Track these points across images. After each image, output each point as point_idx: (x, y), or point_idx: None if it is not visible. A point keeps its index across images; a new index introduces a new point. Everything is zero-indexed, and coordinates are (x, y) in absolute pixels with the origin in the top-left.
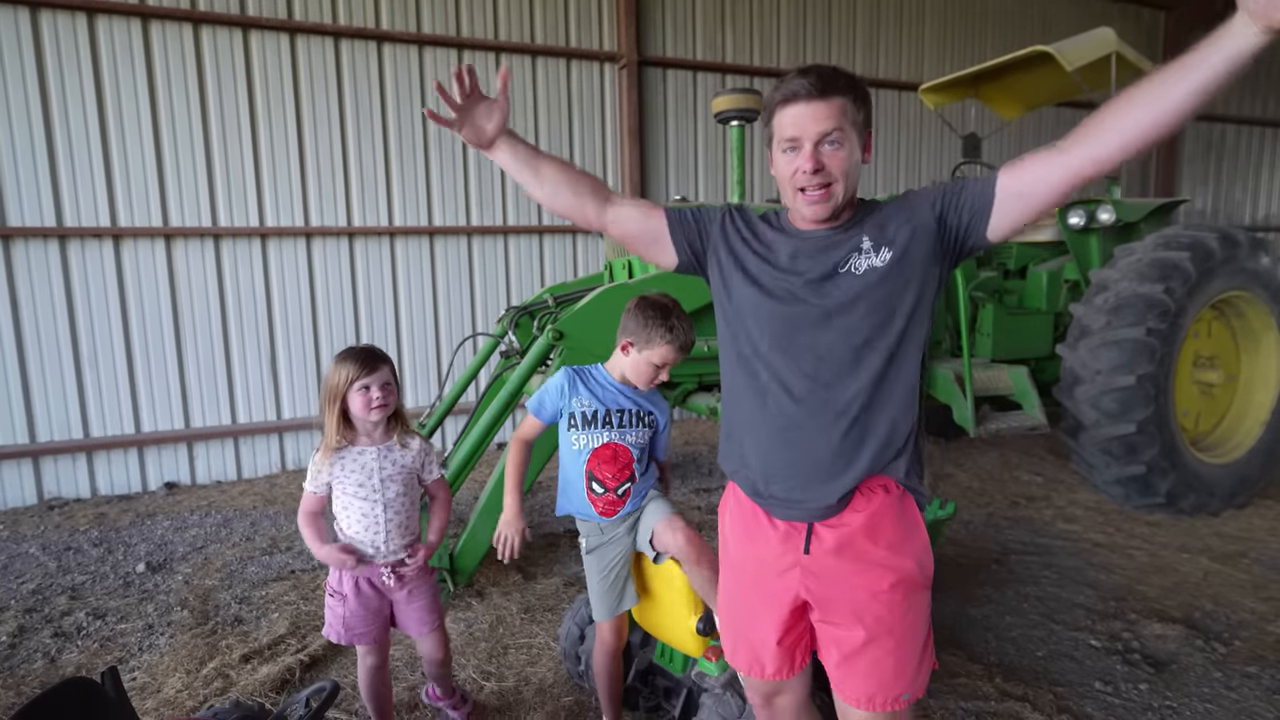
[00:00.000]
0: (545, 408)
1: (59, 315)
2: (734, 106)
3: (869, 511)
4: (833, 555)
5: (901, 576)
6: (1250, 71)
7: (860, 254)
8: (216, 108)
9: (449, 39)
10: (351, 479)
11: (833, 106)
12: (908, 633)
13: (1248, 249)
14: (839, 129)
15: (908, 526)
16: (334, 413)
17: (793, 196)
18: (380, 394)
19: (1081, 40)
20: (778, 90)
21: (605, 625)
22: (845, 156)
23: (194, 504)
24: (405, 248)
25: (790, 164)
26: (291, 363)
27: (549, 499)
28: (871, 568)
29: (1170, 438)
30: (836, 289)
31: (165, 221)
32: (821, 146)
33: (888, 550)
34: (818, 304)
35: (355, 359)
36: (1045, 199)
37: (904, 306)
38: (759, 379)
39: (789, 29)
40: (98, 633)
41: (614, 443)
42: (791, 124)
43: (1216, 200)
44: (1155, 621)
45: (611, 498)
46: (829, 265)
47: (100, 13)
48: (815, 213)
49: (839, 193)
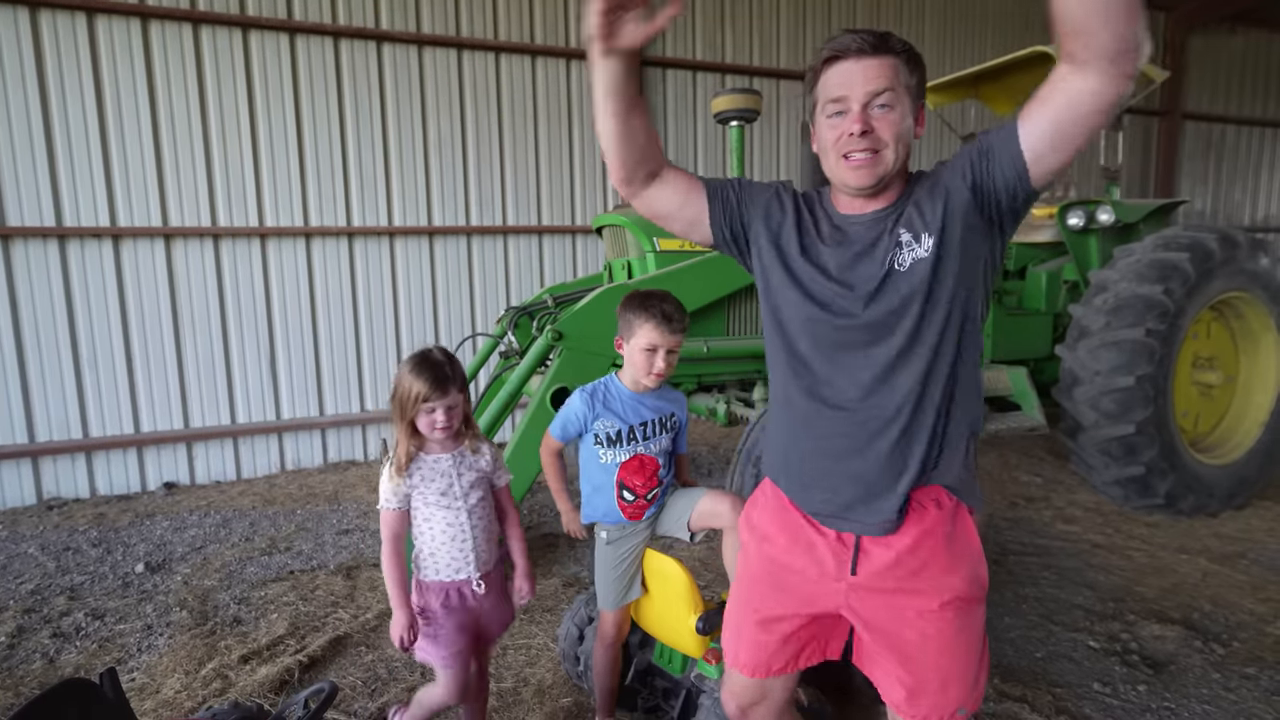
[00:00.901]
0: (569, 431)
1: (58, 315)
2: (733, 107)
3: (919, 531)
4: (880, 577)
5: (954, 595)
6: (1250, 71)
7: (902, 248)
8: (216, 107)
9: (448, 39)
10: (432, 488)
11: (885, 65)
12: (961, 648)
13: (1247, 250)
14: (890, 89)
15: (960, 544)
16: (404, 425)
17: (836, 164)
18: (445, 418)
19: None
20: (823, 48)
21: (608, 616)
22: (897, 120)
23: (193, 504)
24: (405, 248)
25: (835, 129)
26: (291, 363)
27: (546, 499)
28: (921, 591)
29: (1169, 439)
30: (885, 296)
31: (165, 221)
32: (871, 109)
33: (940, 572)
34: (867, 316)
35: (427, 378)
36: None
37: (955, 295)
38: (801, 380)
39: (788, 29)
40: (96, 633)
41: (641, 454)
42: (839, 83)
43: (1216, 201)
44: (1154, 622)
45: (641, 503)
46: (878, 272)
47: (100, 12)
48: (860, 179)
49: (888, 159)
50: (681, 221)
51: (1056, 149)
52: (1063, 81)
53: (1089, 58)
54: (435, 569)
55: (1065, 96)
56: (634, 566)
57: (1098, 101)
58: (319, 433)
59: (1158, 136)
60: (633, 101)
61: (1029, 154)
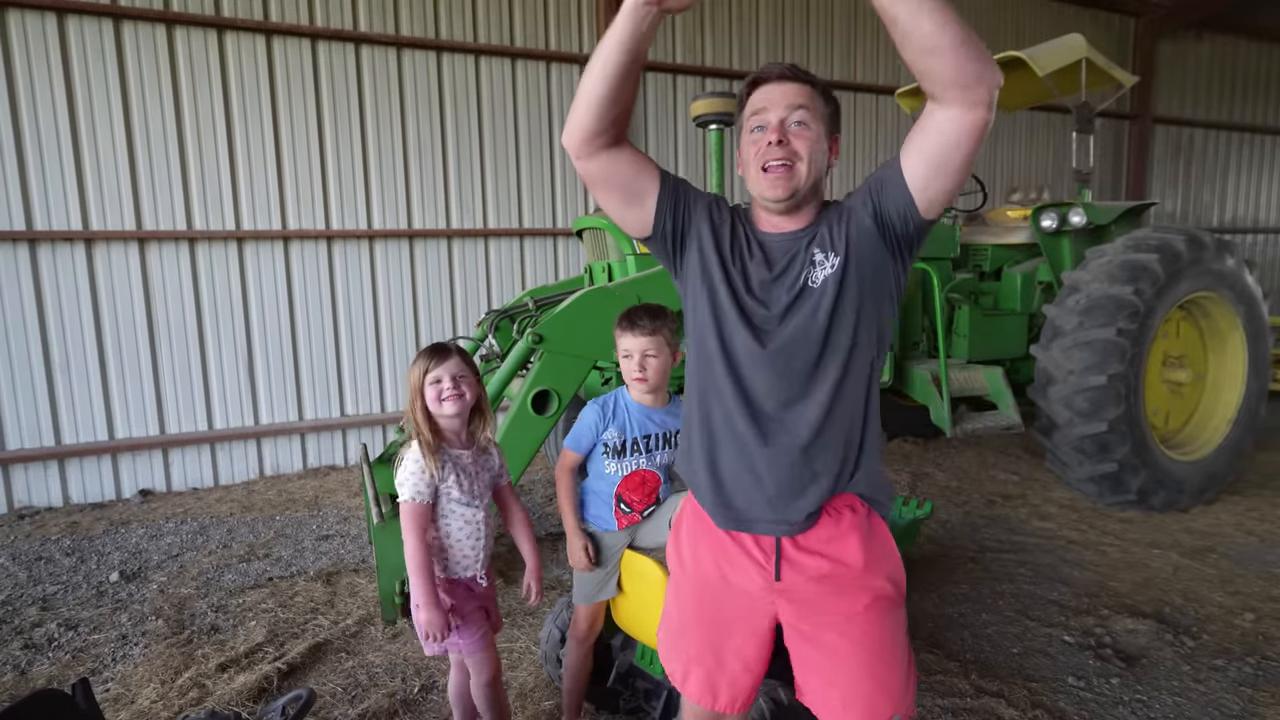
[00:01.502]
0: (582, 443)
1: (29, 320)
2: (712, 110)
3: (836, 531)
4: (805, 580)
5: (876, 595)
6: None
7: (815, 266)
8: (191, 109)
9: (427, 41)
10: (456, 485)
11: (803, 90)
12: (890, 651)
13: (1213, 251)
14: (806, 109)
15: (877, 545)
16: (419, 410)
17: (756, 177)
18: (450, 385)
19: (1053, 46)
20: (750, 76)
21: (582, 611)
22: (811, 139)
23: (169, 511)
24: (384, 251)
25: (755, 144)
26: (269, 367)
27: (529, 503)
28: (845, 589)
29: (1141, 436)
30: (799, 311)
31: (139, 225)
32: (788, 124)
33: (861, 571)
34: (783, 331)
35: (424, 353)
36: (945, 149)
37: (863, 309)
38: (717, 385)
39: (767, 33)
40: (70, 644)
41: (643, 470)
42: (761, 100)
43: (1185, 203)
44: (1126, 617)
45: (636, 516)
46: (793, 289)
47: (70, 12)
48: (775, 189)
49: (802, 171)
50: (625, 194)
51: (936, 176)
52: (928, 115)
53: (939, 91)
54: (444, 566)
55: (932, 125)
56: (613, 568)
57: (958, 128)
58: (298, 438)
59: (1129, 139)
60: (638, 63)
61: (912, 184)
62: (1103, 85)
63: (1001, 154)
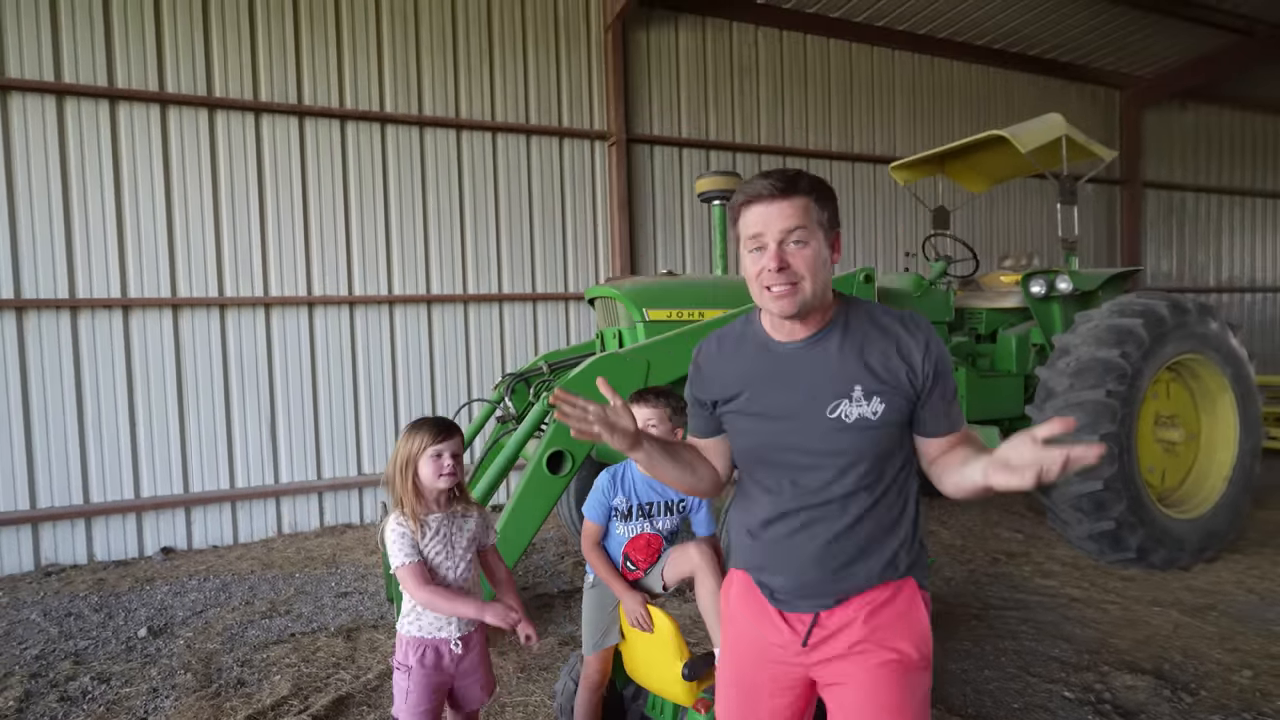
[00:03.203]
0: (600, 511)
1: (66, 384)
2: (715, 188)
3: (871, 605)
4: (831, 644)
5: (898, 656)
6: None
7: (851, 402)
8: (227, 185)
9: (448, 120)
10: (431, 548)
11: (796, 205)
12: (900, 703)
13: (1196, 315)
14: (803, 226)
15: (907, 615)
16: (407, 479)
17: (760, 293)
18: (451, 462)
19: (1034, 125)
20: (740, 192)
21: (591, 661)
22: (811, 255)
23: (192, 569)
24: (404, 315)
25: (756, 263)
26: (290, 427)
27: (542, 560)
28: (868, 652)
29: (1136, 493)
30: (828, 439)
31: (174, 292)
32: (786, 245)
33: (887, 636)
34: (811, 449)
35: (429, 427)
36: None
37: (895, 448)
38: (761, 481)
39: (768, 108)
40: (103, 696)
41: (647, 533)
42: (755, 222)
43: (1180, 264)
44: (1126, 673)
45: (639, 574)
46: (824, 416)
47: (122, 100)
48: (782, 307)
49: (807, 290)
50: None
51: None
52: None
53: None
54: (419, 625)
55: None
56: (614, 613)
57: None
58: (316, 496)
59: (1121, 204)
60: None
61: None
62: (1083, 159)
63: (995, 219)
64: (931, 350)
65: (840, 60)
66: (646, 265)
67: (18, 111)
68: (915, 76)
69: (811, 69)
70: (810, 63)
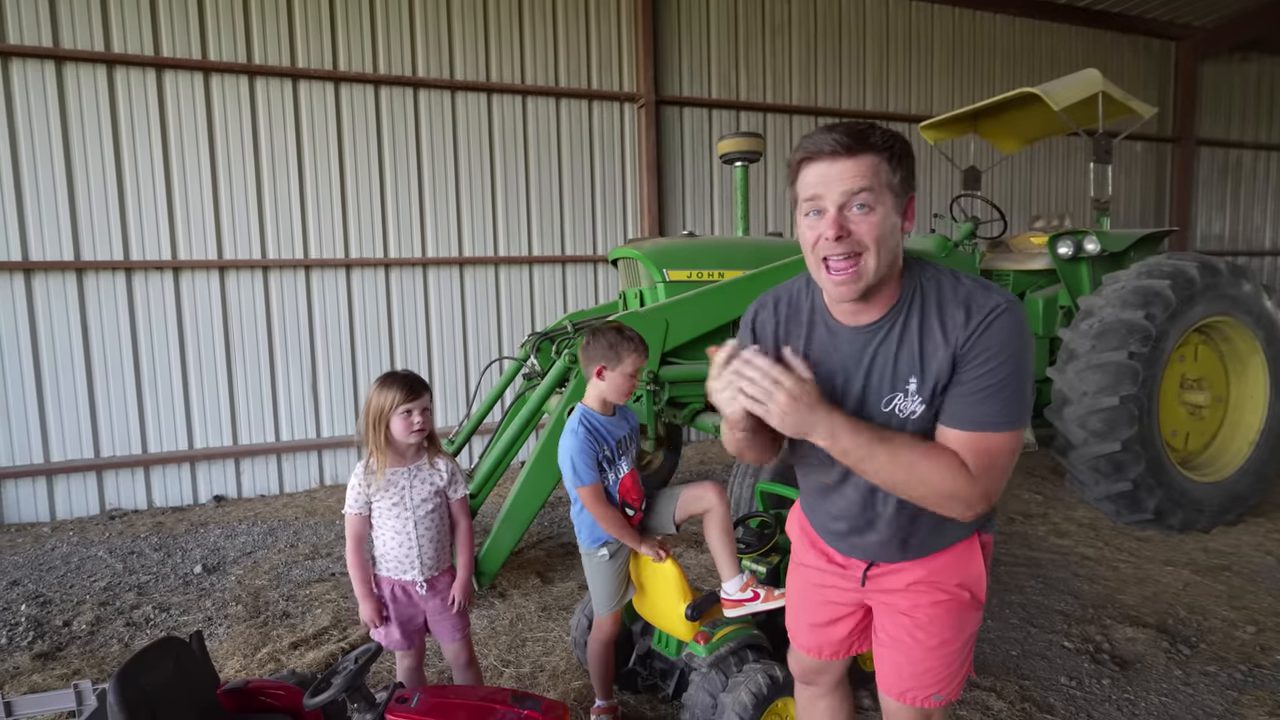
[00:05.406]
0: (591, 470)
1: (124, 342)
2: (736, 149)
3: (927, 566)
4: (889, 577)
5: (950, 595)
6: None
7: (906, 397)
8: (268, 152)
9: (479, 84)
10: (386, 498)
11: (862, 164)
12: (947, 638)
13: (1228, 276)
14: (869, 189)
15: (964, 557)
16: (379, 434)
17: (817, 267)
18: (420, 419)
19: (1069, 81)
20: (800, 147)
21: (605, 620)
22: (877, 222)
23: (241, 515)
24: (437, 277)
25: (813, 229)
26: (331, 384)
27: (563, 513)
28: (925, 589)
29: (1156, 455)
30: (889, 421)
31: (220, 255)
32: (848, 210)
33: (943, 575)
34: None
35: (401, 385)
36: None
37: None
38: (817, 454)
39: (800, 67)
40: (164, 623)
41: (631, 470)
42: (814, 182)
43: (1235, 225)
44: (1128, 626)
45: (639, 516)
46: (879, 406)
47: (168, 68)
48: (841, 293)
49: (869, 266)
50: None
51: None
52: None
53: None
54: (386, 567)
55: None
56: (626, 576)
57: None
58: (355, 450)
59: (1172, 162)
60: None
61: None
62: (1121, 116)
63: (1029, 180)
64: (978, 328)
65: (876, 15)
66: (675, 227)
67: (72, 80)
68: (955, 31)
69: (846, 25)
70: (845, 19)
